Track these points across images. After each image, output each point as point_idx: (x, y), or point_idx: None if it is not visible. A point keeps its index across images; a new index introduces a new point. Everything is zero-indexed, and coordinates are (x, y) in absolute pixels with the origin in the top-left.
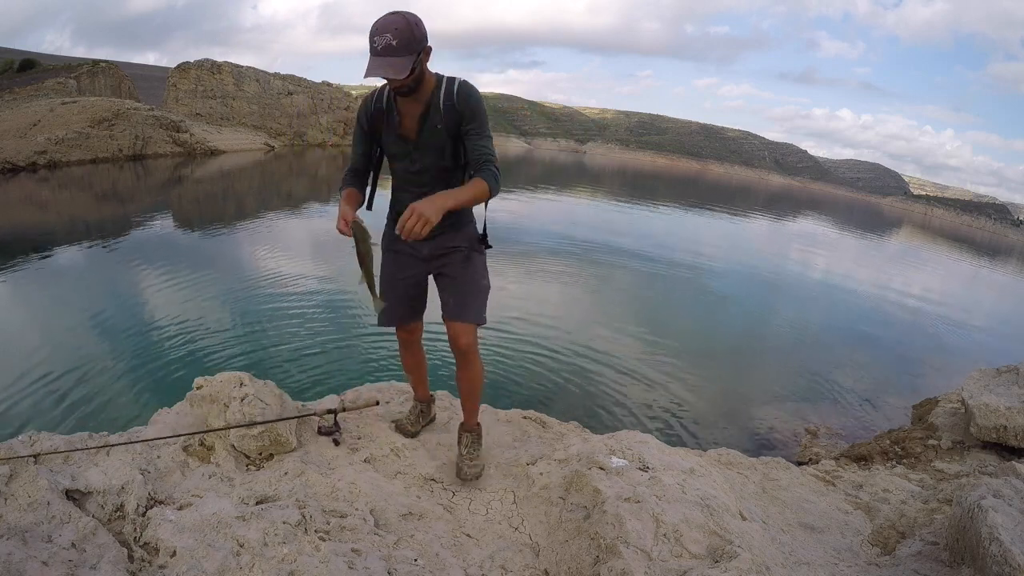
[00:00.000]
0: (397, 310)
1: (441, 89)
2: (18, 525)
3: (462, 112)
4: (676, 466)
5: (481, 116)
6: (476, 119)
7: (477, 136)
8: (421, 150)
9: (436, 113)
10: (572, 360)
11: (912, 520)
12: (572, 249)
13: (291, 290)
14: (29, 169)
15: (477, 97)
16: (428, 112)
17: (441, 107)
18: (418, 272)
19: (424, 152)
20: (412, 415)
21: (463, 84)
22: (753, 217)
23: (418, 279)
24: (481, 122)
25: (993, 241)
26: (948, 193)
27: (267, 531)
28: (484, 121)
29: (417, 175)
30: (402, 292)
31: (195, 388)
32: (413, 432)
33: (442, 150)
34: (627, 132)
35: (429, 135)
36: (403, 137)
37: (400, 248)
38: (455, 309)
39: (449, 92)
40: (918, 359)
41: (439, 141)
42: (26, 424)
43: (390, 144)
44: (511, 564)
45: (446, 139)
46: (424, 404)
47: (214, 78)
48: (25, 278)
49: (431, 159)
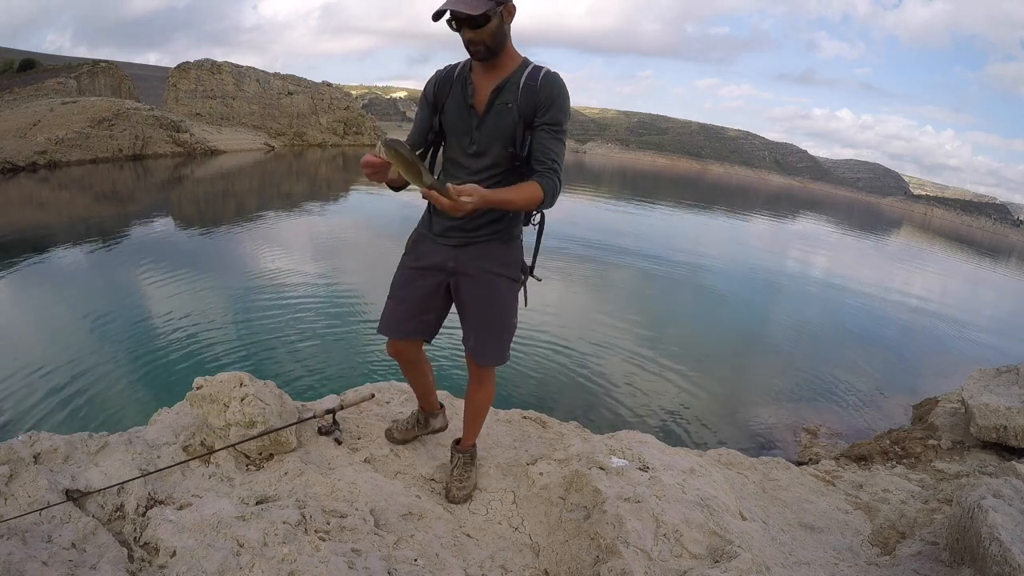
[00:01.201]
0: (400, 318)
1: (526, 69)
2: (18, 525)
3: (540, 98)
4: (676, 466)
5: (561, 112)
6: (554, 112)
7: (550, 134)
8: (485, 129)
9: (512, 90)
10: (572, 360)
11: (912, 520)
12: (572, 248)
13: (291, 290)
14: (29, 169)
15: (564, 91)
16: (504, 87)
17: (520, 85)
18: (436, 282)
19: (487, 131)
20: (407, 422)
21: (552, 72)
22: (753, 217)
23: (434, 290)
24: (559, 120)
25: (993, 241)
26: (948, 193)
27: (267, 531)
28: (563, 120)
29: (473, 158)
30: (411, 300)
31: (195, 388)
32: (399, 439)
33: (507, 135)
34: (627, 132)
35: (498, 113)
36: (471, 108)
37: (424, 251)
38: (475, 347)
39: (534, 74)
40: (918, 359)
41: (507, 123)
42: (26, 424)
43: (452, 115)
44: (511, 564)
45: (516, 122)
46: (424, 415)
47: (214, 78)
48: (25, 278)
49: (492, 141)
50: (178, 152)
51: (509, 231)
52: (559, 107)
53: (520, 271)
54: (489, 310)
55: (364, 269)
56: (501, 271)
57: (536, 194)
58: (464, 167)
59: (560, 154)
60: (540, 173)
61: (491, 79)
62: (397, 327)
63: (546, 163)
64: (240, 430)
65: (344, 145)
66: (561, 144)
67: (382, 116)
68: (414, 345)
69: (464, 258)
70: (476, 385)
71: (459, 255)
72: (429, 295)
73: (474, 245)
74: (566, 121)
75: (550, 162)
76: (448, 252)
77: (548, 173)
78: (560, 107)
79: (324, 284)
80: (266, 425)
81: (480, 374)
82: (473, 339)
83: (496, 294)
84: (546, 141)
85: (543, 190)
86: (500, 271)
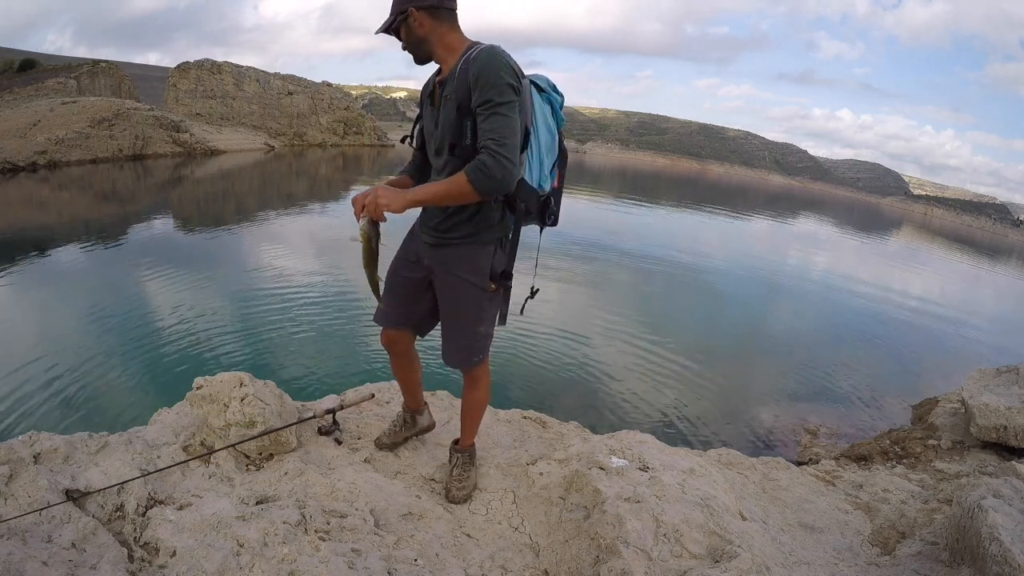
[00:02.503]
0: (392, 309)
1: (462, 56)
2: (18, 525)
3: (472, 76)
4: (676, 466)
5: (491, 88)
6: (482, 90)
7: (484, 115)
8: (439, 125)
9: (452, 81)
10: (572, 360)
11: (912, 520)
12: (572, 248)
13: (291, 290)
14: (29, 169)
15: (491, 64)
16: (447, 80)
17: (456, 75)
18: (420, 276)
19: (440, 128)
20: (394, 426)
21: (482, 49)
22: (753, 217)
23: (418, 282)
24: (490, 97)
25: (993, 241)
26: (948, 193)
27: (267, 531)
28: (495, 94)
29: (436, 156)
30: (400, 291)
31: (195, 388)
32: (388, 444)
33: (452, 127)
34: (627, 132)
35: (445, 107)
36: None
37: (410, 247)
38: (442, 347)
39: (468, 57)
40: (918, 359)
41: (450, 114)
42: (26, 424)
43: (425, 117)
44: (511, 564)
45: (453, 113)
46: (410, 414)
47: (214, 78)
48: (25, 278)
49: (444, 136)
50: (178, 152)
51: (479, 235)
52: (487, 82)
53: (490, 278)
54: (452, 314)
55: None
56: (467, 276)
57: (459, 181)
58: (434, 168)
59: (497, 130)
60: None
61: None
62: (384, 316)
63: (483, 145)
64: (240, 430)
65: (344, 145)
66: (499, 118)
67: (382, 116)
68: (404, 336)
69: (436, 258)
70: (469, 385)
71: (432, 254)
72: (414, 286)
73: (445, 247)
74: (501, 92)
75: (485, 143)
76: (425, 249)
77: (480, 157)
78: (488, 82)
79: (324, 284)
80: (266, 425)
81: (471, 374)
82: (442, 339)
83: (459, 298)
84: (482, 123)
85: (467, 177)
86: (466, 276)
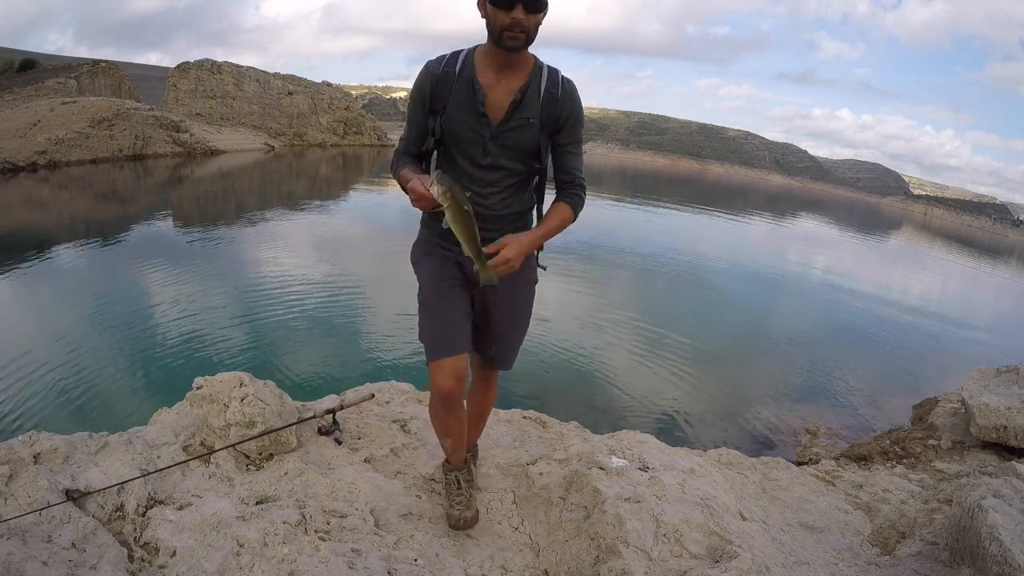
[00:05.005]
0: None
1: (543, 74)
2: (18, 525)
3: (565, 114)
4: (676, 466)
5: (581, 127)
6: (577, 129)
7: (573, 149)
8: (500, 141)
9: (534, 102)
10: (572, 360)
11: (912, 520)
12: (572, 248)
13: (291, 290)
14: (29, 169)
15: (580, 104)
16: (524, 97)
17: (541, 95)
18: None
19: (504, 145)
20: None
21: (570, 83)
22: (754, 217)
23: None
24: (580, 135)
25: (993, 241)
26: (948, 193)
27: (267, 531)
28: (582, 134)
29: (485, 170)
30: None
31: (195, 388)
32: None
33: (529, 150)
34: (627, 132)
35: (518, 126)
36: (483, 116)
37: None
38: (497, 355)
39: (554, 80)
40: (918, 359)
41: (528, 138)
42: (26, 424)
43: (459, 122)
44: (511, 564)
45: (537, 138)
46: (466, 470)
47: (214, 78)
48: (25, 278)
49: (509, 157)
50: (178, 152)
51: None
52: (579, 122)
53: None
54: (517, 317)
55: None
56: (529, 274)
57: (567, 216)
58: (474, 178)
59: (582, 165)
60: (567, 191)
61: (505, 82)
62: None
63: (574, 180)
64: (240, 430)
65: (344, 145)
66: (581, 154)
67: (382, 116)
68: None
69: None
70: (485, 386)
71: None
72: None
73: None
74: (583, 132)
75: (578, 180)
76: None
77: (576, 189)
78: (580, 123)
79: (324, 284)
80: (266, 425)
81: (489, 376)
82: (495, 348)
83: (523, 300)
84: (572, 156)
85: (573, 210)
86: (528, 275)
